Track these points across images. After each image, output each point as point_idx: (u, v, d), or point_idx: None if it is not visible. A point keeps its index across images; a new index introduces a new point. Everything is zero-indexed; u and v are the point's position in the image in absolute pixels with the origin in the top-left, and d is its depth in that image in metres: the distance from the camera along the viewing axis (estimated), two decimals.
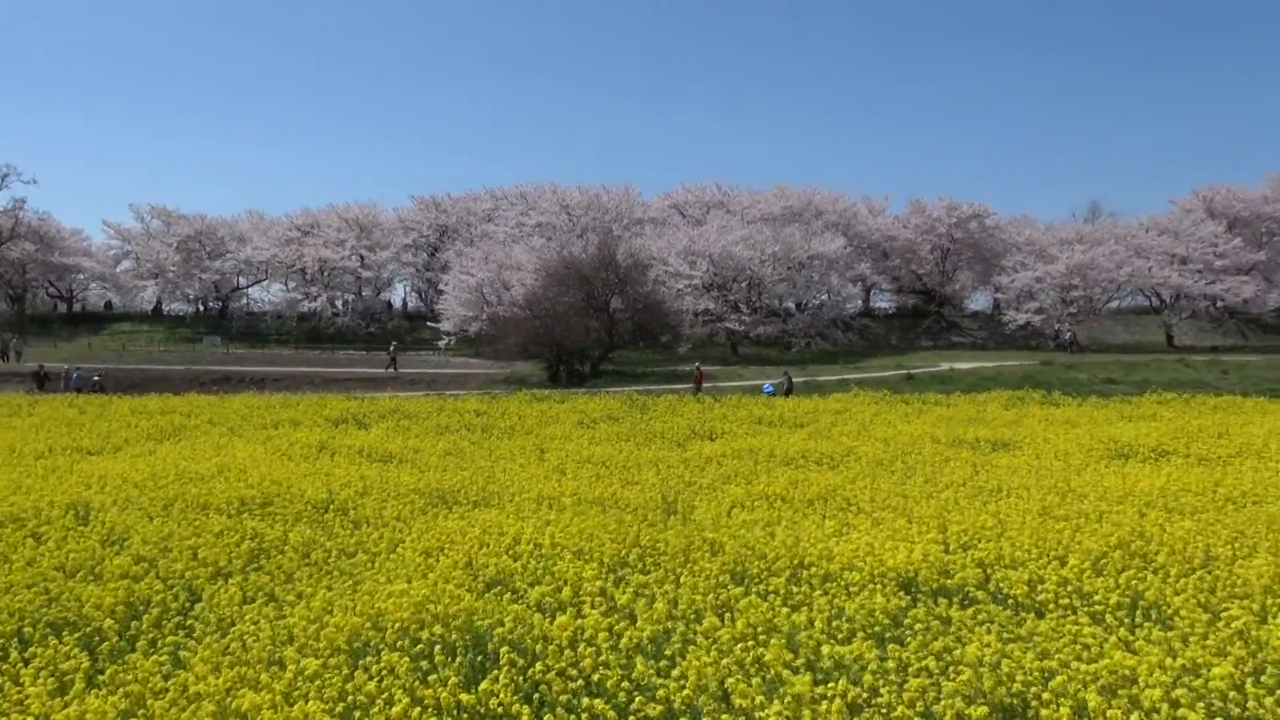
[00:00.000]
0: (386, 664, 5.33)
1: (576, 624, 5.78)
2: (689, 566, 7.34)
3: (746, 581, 7.09)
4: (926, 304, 65.64)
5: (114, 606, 6.59)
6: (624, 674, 5.19)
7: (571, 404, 24.28)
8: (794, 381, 33.34)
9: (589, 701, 4.84)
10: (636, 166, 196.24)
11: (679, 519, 9.60)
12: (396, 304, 76.83)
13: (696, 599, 6.41)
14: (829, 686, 4.78)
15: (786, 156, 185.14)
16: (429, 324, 60.84)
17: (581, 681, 5.16)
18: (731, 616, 6.00)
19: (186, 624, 6.46)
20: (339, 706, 4.96)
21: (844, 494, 10.66)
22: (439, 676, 5.15)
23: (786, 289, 57.96)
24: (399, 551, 8.20)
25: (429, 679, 5.13)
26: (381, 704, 4.94)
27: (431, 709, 4.88)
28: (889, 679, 5.00)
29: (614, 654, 5.40)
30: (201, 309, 74.51)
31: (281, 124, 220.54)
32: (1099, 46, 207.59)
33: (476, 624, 6.04)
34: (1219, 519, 8.59)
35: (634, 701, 4.86)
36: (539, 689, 5.17)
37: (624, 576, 7.15)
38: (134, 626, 6.32)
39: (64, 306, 76.47)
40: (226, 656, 5.67)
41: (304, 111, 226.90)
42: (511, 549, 7.94)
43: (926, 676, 4.95)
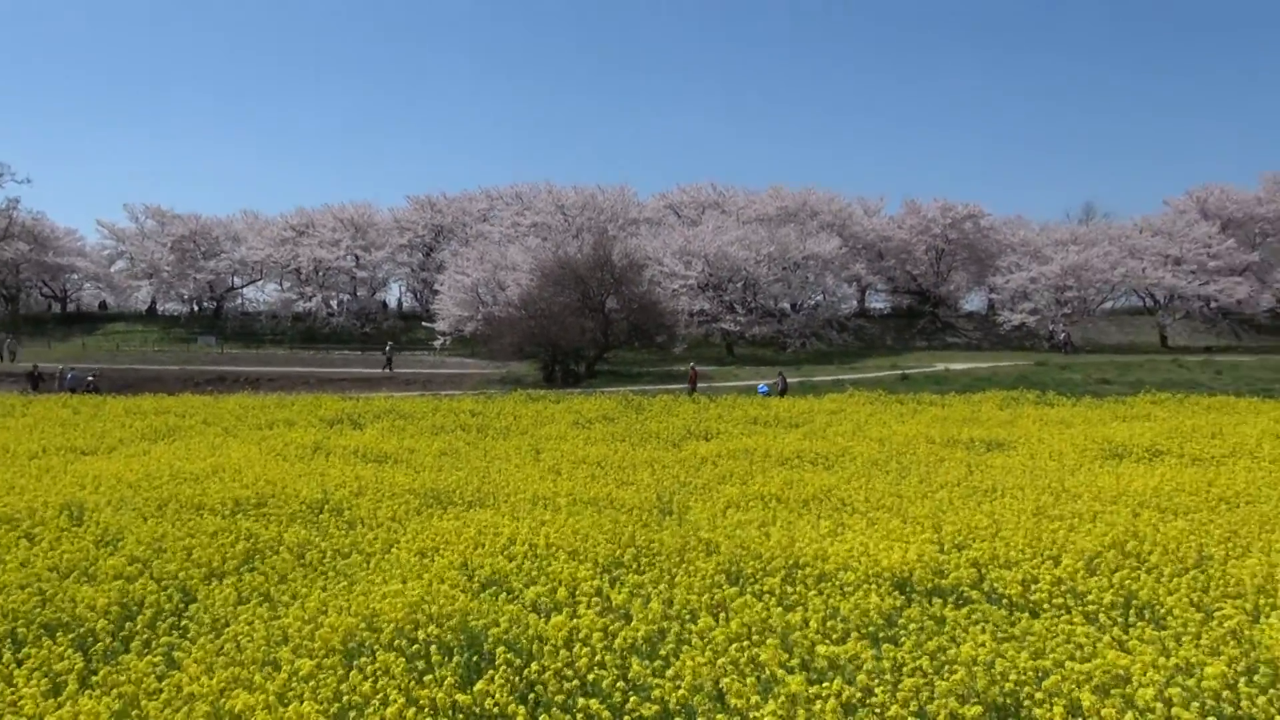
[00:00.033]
0: (382, 664, 5.33)
1: (572, 624, 5.78)
2: (684, 567, 7.35)
3: (741, 581, 7.10)
4: (921, 304, 65.73)
5: (108, 607, 6.58)
6: (619, 674, 5.19)
7: (567, 404, 24.27)
8: (789, 382, 33.38)
9: (585, 701, 4.85)
10: (632, 167, 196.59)
11: (674, 519, 9.60)
12: (391, 304, 76.72)
13: (691, 599, 6.42)
14: (823, 686, 4.79)
15: (782, 157, 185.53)
16: (424, 324, 60.76)
17: (577, 682, 5.17)
18: (726, 616, 6.01)
19: (181, 625, 6.45)
20: (334, 707, 4.96)
21: (839, 494, 10.68)
22: (435, 677, 5.15)
23: (782, 289, 58.01)
24: (394, 552, 8.19)
25: (424, 679, 5.14)
26: (377, 704, 4.94)
27: (427, 709, 4.88)
28: (884, 678, 5.01)
29: (609, 654, 5.40)
30: (196, 309, 74.39)
31: (276, 124, 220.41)
32: (1093, 47, 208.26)
33: (471, 624, 6.04)
34: (1212, 519, 8.62)
35: (629, 701, 4.87)
36: (534, 689, 5.17)
37: (619, 577, 7.15)
38: (128, 627, 6.31)
39: (58, 306, 76.22)
40: (220, 657, 5.66)
41: (299, 111, 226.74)
42: (507, 549, 7.94)
43: (921, 676, 4.96)
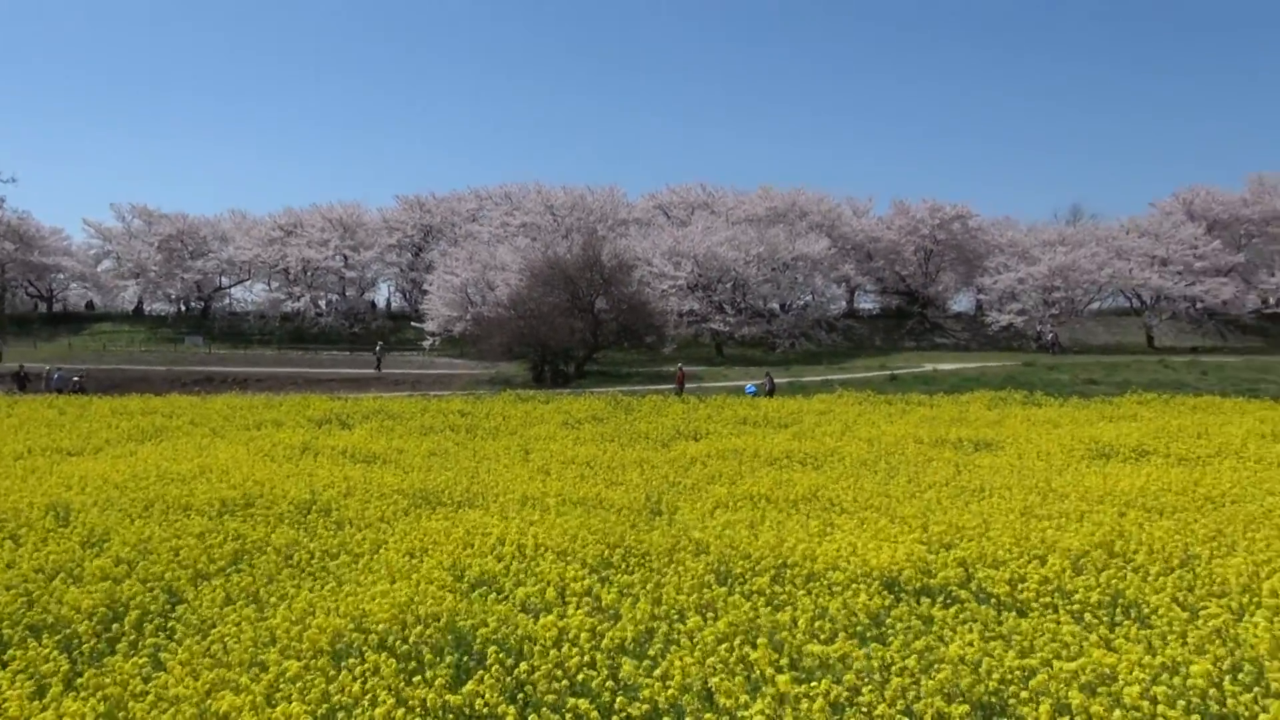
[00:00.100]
0: (371, 665, 5.31)
1: (561, 624, 5.78)
2: (674, 567, 7.35)
3: (730, 581, 7.10)
4: (910, 305, 65.95)
5: (94, 608, 6.54)
6: (609, 674, 5.19)
7: (556, 404, 24.25)
8: (778, 382, 33.41)
9: (574, 701, 4.84)
10: (621, 167, 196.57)
11: (664, 519, 9.60)
12: (380, 304, 76.53)
13: (681, 599, 6.42)
14: (811, 685, 4.80)
15: (771, 157, 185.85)
16: (413, 324, 60.65)
17: (566, 682, 5.16)
18: (715, 616, 6.02)
19: (167, 626, 6.41)
20: (322, 708, 4.95)
21: (828, 494, 10.69)
22: (424, 678, 5.14)
23: (771, 290, 58.12)
24: (382, 552, 8.17)
25: (413, 680, 5.12)
26: (365, 705, 4.93)
27: (417, 710, 4.87)
28: (871, 678, 5.02)
29: (598, 654, 5.40)
30: (183, 309, 73.99)
31: (264, 123, 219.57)
32: (1081, 49, 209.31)
33: (459, 624, 6.03)
34: (1198, 518, 8.66)
35: (616, 701, 4.87)
36: (524, 689, 5.16)
37: (608, 577, 7.15)
38: (114, 629, 6.28)
39: (44, 306, 75.73)
40: (207, 659, 5.63)
41: (287, 111, 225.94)
42: (496, 550, 7.92)
43: (908, 676, 4.97)
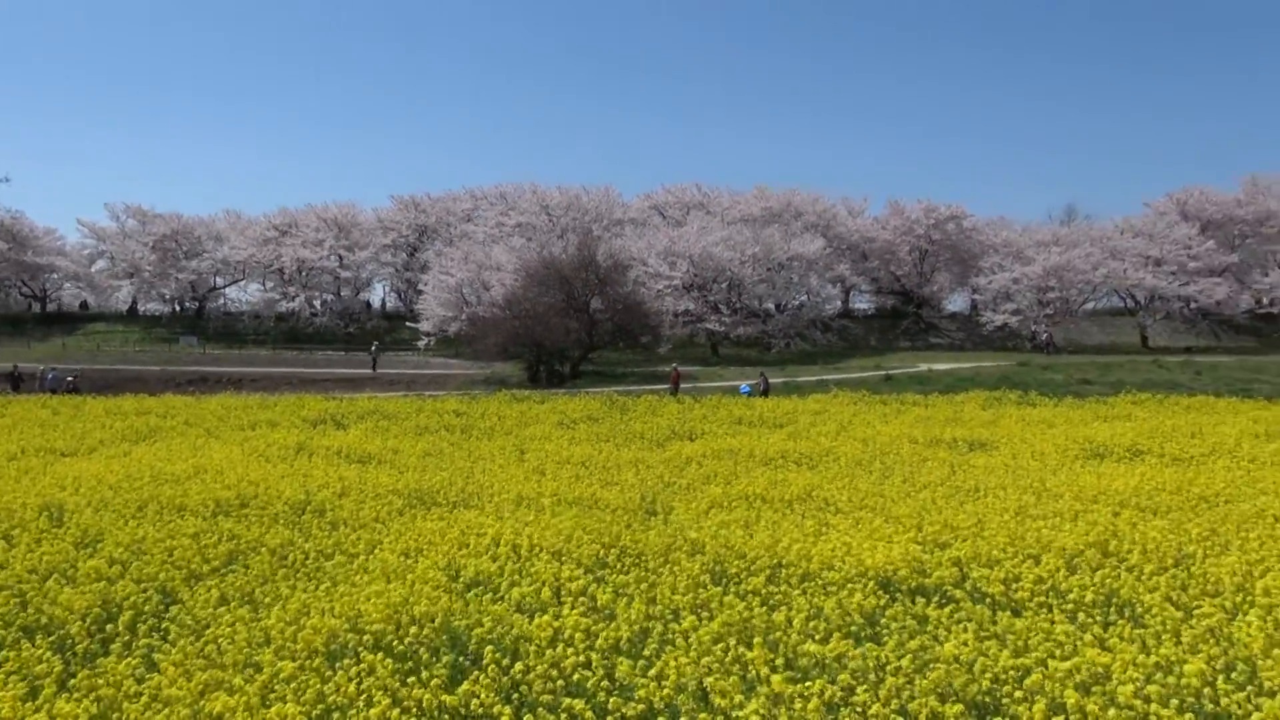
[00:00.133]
0: (366, 665, 5.30)
1: (556, 624, 5.77)
2: (669, 567, 7.35)
3: (725, 581, 7.10)
4: (905, 305, 66.00)
5: (88, 609, 6.52)
6: (605, 674, 5.19)
7: (551, 404, 24.24)
8: (773, 382, 33.43)
9: (569, 701, 4.84)
10: (617, 167, 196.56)
11: (659, 519, 9.60)
12: (375, 304, 76.38)
13: (675, 598, 6.42)
14: (805, 685, 4.80)
15: (767, 157, 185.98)
16: (408, 324, 60.52)
17: (562, 682, 5.16)
18: (710, 616, 6.02)
19: (161, 627, 6.39)
20: (316, 709, 4.93)
21: (823, 494, 10.70)
22: (418, 678, 5.13)
23: (766, 290, 58.13)
24: (377, 553, 8.16)
25: (408, 680, 5.12)
26: (360, 705, 4.91)
27: (413, 710, 4.86)
28: (866, 678, 5.02)
29: (593, 654, 5.40)
30: (178, 309, 73.81)
31: (259, 123, 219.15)
32: (1076, 49, 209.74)
33: (455, 625, 6.02)
34: (1192, 518, 8.69)
35: (610, 701, 4.86)
36: (519, 689, 5.16)
37: (603, 577, 7.15)
38: (108, 629, 6.26)
39: (38, 306, 75.39)
40: (200, 659, 5.62)
41: (282, 111, 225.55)
42: (491, 550, 7.92)
43: (903, 676, 4.98)
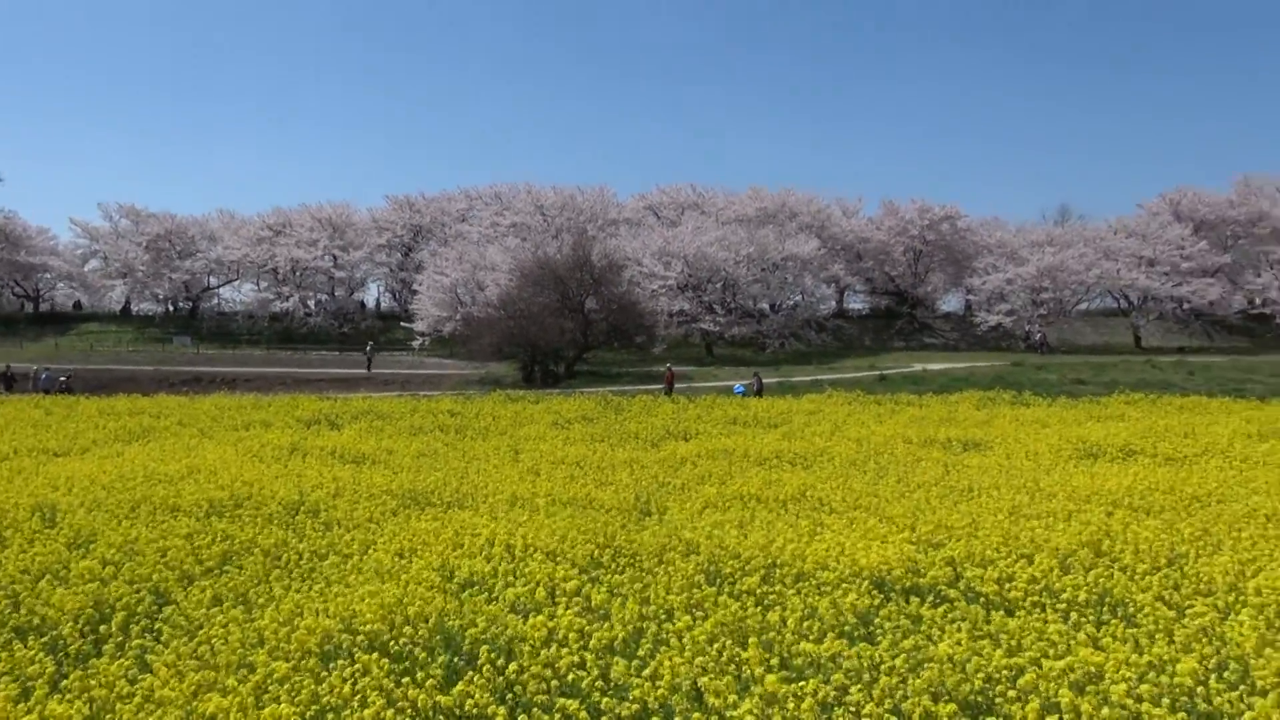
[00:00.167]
0: (361, 665, 5.29)
1: (550, 625, 5.77)
2: (664, 567, 7.35)
3: (719, 581, 7.11)
4: (899, 305, 66.14)
5: (80, 610, 6.49)
6: (599, 674, 5.18)
7: (546, 405, 24.21)
8: (767, 382, 33.45)
9: (564, 702, 4.84)
10: (611, 167, 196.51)
11: (654, 519, 9.60)
12: (370, 304, 76.30)
13: (670, 598, 6.42)
14: (799, 685, 4.80)
15: (761, 158, 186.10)
16: (403, 324, 60.49)
17: (556, 682, 5.15)
18: (704, 616, 6.02)
19: (154, 628, 6.37)
20: (310, 710, 4.92)
21: (817, 494, 10.71)
22: (412, 679, 5.12)
23: (761, 290, 58.20)
24: (371, 553, 8.15)
25: (402, 681, 5.11)
26: (355, 706, 4.91)
27: (408, 711, 4.86)
28: (860, 677, 5.03)
29: (587, 654, 5.40)
30: (171, 309, 73.61)
31: (253, 123, 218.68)
32: (1070, 50, 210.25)
33: (449, 625, 6.01)
34: (1184, 517, 8.71)
35: (605, 701, 4.86)
36: (513, 689, 5.15)
37: (598, 577, 7.15)
38: (101, 630, 6.24)
39: (30, 306, 75.13)
40: (193, 660, 5.60)
41: (276, 111, 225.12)
42: (485, 550, 7.91)
43: (896, 675, 4.98)
